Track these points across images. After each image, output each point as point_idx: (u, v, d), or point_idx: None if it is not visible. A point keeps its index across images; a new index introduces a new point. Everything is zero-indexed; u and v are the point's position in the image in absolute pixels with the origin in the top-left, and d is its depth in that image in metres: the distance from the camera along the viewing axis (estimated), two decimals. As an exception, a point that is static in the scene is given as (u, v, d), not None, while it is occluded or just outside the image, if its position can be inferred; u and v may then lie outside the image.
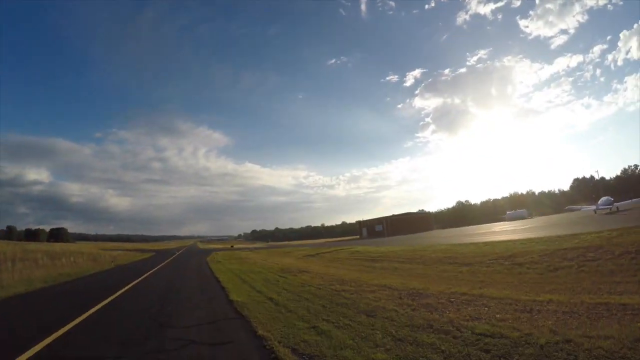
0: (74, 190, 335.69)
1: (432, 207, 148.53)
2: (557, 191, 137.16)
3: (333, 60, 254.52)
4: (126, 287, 14.52)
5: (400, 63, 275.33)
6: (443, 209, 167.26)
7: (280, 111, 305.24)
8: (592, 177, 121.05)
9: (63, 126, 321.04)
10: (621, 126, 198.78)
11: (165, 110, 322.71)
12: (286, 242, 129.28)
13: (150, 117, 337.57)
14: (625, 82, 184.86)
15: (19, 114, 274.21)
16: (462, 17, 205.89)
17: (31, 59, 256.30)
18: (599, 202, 48.72)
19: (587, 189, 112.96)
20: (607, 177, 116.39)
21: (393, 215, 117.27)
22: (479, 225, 77.23)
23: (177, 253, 63.03)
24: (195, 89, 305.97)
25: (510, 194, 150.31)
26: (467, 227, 77.01)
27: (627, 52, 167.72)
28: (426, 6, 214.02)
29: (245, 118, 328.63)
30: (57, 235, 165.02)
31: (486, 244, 23.15)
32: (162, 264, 32.33)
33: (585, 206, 56.30)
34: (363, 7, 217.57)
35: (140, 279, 18.18)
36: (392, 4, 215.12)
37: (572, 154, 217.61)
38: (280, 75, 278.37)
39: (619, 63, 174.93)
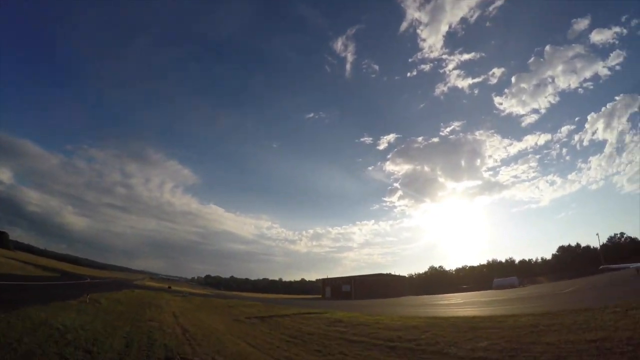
0: (33, 199, 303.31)
1: (395, 272, 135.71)
2: (539, 259, 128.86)
3: (311, 114, 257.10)
4: None
5: (377, 125, 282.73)
6: (413, 274, 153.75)
7: (253, 157, 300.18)
8: (578, 245, 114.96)
9: (35, 130, 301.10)
10: (584, 203, 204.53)
11: (139, 136, 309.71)
12: (237, 293, 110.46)
13: (122, 140, 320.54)
14: (590, 161, 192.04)
15: None
16: (440, 89, 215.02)
17: (15, 56, 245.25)
18: None
19: (571, 257, 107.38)
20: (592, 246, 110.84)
21: (363, 275, 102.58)
22: (462, 294, 63.11)
23: (86, 281, 46.01)
24: (172, 121, 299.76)
25: (489, 262, 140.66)
26: (451, 295, 63.89)
27: (594, 134, 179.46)
28: (408, 74, 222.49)
29: (217, 158, 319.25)
30: None
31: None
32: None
33: (634, 264, 46.72)
34: (348, 66, 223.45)
35: None
36: (376, 67, 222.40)
37: (535, 228, 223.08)
38: (258, 121, 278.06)
39: (585, 143, 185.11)
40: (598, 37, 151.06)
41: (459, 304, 34.30)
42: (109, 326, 12.21)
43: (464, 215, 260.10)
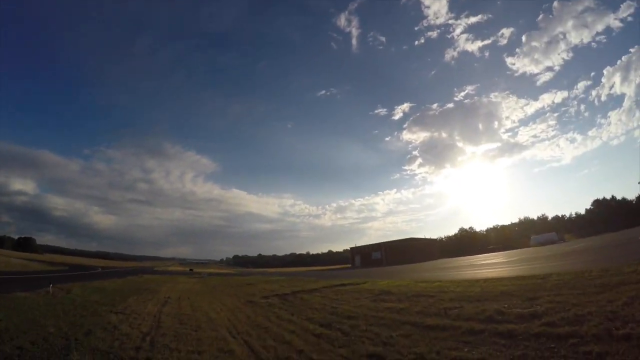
0: (59, 204, 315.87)
1: (425, 236, 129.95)
2: (574, 215, 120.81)
3: (323, 92, 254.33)
4: None
5: (389, 96, 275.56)
6: (443, 236, 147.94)
7: (269, 139, 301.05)
8: (613, 198, 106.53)
9: (52, 139, 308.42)
10: (606, 159, 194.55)
11: (154, 133, 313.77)
12: (262, 270, 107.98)
13: (139, 138, 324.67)
14: (609, 116, 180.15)
15: (8, 123, 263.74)
16: (450, 54, 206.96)
17: (26, 70, 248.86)
18: None
19: (606, 211, 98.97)
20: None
21: (393, 241, 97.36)
22: (504, 252, 55.14)
23: (95, 271, 42.99)
24: (185, 114, 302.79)
25: (520, 219, 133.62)
26: (490, 254, 57.30)
27: (611, 88, 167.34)
28: (415, 42, 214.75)
29: (234, 145, 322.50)
30: (25, 244, 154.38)
31: None
32: None
33: None
34: (354, 41, 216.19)
35: None
36: (383, 39, 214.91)
37: (559, 187, 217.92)
38: (270, 104, 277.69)
39: (603, 98, 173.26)
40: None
41: (513, 262, 28.55)
42: (23, 327, 7.30)
43: (486, 178, 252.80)
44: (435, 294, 12.18)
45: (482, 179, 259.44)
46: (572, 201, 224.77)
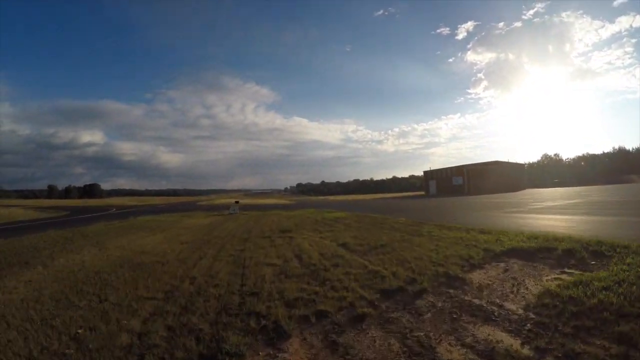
0: (127, 149, 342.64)
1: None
2: None
3: (380, 12, 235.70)
4: None
5: (452, 14, 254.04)
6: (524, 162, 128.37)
7: (327, 64, 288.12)
8: None
9: (114, 89, 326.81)
10: None
11: (210, 68, 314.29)
12: (324, 198, 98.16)
13: (196, 76, 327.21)
14: None
15: (69, 80, 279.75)
16: None
17: (77, 26, 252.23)
18: None
19: None
20: None
21: (478, 164, 78.65)
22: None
23: (111, 211, 35.69)
24: (240, 46, 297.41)
25: (614, 149, 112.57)
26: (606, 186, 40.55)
27: None
28: None
29: (292, 72, 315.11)
30: (90, 191, 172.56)
31: None
32: None
33: None
34: None
35: None
36: None
37: (634, 121, 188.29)
38: (325, 28, 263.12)
39: None
40: None
41: None
42: None
43: (554, 104, 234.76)
44: None
45: (550, 105, 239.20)
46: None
